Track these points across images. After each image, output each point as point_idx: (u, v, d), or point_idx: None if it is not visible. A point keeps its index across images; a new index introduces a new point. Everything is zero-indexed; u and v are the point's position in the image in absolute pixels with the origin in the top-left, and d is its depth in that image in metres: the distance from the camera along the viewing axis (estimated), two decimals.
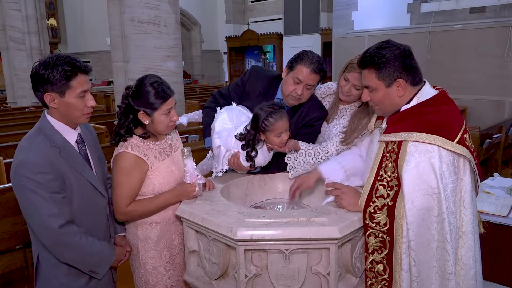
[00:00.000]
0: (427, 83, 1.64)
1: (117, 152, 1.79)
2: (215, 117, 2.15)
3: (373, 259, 1.58)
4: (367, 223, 1.57)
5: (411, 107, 1.60)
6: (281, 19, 12.97)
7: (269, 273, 1.57)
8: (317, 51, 10.33)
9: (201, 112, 2.44)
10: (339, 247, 1.54)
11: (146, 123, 1.76)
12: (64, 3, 16.63)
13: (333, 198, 1.72)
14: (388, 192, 1.56)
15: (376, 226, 1.56)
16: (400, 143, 1.56)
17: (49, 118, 1.63)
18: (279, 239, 1.50)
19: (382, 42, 1.61)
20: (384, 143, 1.64)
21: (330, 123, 2.18)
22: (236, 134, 2.00)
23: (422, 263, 1.50)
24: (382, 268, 1.56)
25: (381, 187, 1.58)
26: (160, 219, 1.87)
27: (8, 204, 2.55)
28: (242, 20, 15.88)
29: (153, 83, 1.73)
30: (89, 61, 14.09)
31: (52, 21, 16.12)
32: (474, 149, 1.58)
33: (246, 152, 1.97)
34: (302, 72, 2.00)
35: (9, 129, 5.73)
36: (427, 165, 1.48)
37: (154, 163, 1.80)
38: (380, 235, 1.55)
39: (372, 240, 1.57)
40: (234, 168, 2.08)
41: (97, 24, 14.11)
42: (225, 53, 15.84)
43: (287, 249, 1.52)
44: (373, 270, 1.59)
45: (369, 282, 1.61)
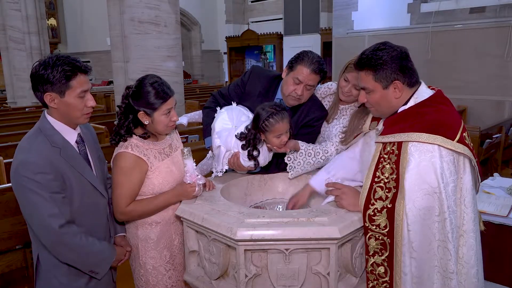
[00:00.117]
0: (423, 84, 1.65)
1: (117, 152, 1.79)
2: (215, 117, 2.15)
3: (374, 262, 1.58)
4: (367, 225, 1.57)
5: (409, 108, 1.59)
6: (281, 19, 12.97)
7: (269, 273, 1.57)
8: (317, 51, 10.32)
9: (201, 112, 2.44)
10: (339, 247, 1.54)
11: (146, 123, 1.76)
12: (64, 3, 16.62)
13: (333, 198, 1.72)
14: (387, 194, 1.55)
15: (376, 228, 1.55)
16: (400, 144, 1.55)
17: (49, 118, 1.63)
18: (279, 239, 1.50)
19: (379, 43, 1.60)
20: (381, 144, 1.64)
21: (330, 123, 2.18)
22: (237, 133, 2.00)
23: (423, 262, 1.49)
24: (383, 271, 1.56)
25: (378, 188, 1.58)
26: (160, 219, 1.87)
27: (8, 204, 2.55)
28: (242, 20, 15.87)
29: (153, 83, 1.73)
30: (89, 61, 14.09)
31: (52, 21, 16.12)
32: (472, 147, 1.58)
33: (248, 151, 1.97)
34: (302, 72, 2.01)
35: (9, 129, 5.72)
36: (427, 164, 1.48)
37: (154, 163, 1.80)
38: (381, 237, 1.55)
39: (372, 243, 1.57)
40: (234, 168, 2.08)
41: (97, 24, 14.10)
42: (225, 53, 15.83)
43: (287, 249, 1.52)
44: (374, 272, 1.58)
45: (371, 284, 1.60)
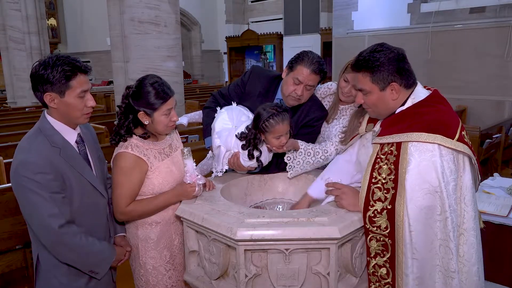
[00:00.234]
0: (419, 84, 1.65)
1: (117, 152, 1.79)
2: (215, 117, 2.15)
3: (376, 263, 1.57)
4: (368, 227, 1.56)
5: (406, 108, 1.60)
6: (281, 19, 12.97)
7: (269, 273, 1.57)
8: (317, 51, 10.33)
9: (201, 112, 2.44)
10: (339, 247, 1.54)
11: (146, 123, 1.76)
12: (64, 3, 16.62)
13: (333, 198, 1.72)
14: (385, 195, 1.55)
15: (377, 230, 1.55)
16: (399, 144, 1.55)
17: (49, 118, 1.63)
18: (279, 239, 1.50)
19: (377, 45, 1.60)
20: (378, 145, 1.63)
21: (330, 123, 2.18)
22: (237, 133, 2.00)
23: (425, 262, 1.49)
24: (385, 272, 1.56)
25: (377, 189, 1.57)
26: (160, 219, 1.87)
27: (8, 204, 2.55)
28: (242, 20, 15.87)
29: (153, 83, 1.73)
30: (89, 61, 14.09)
31: (52, 21, 16.12)
32: (471, 145, 1.59)
33: (248, 151, 1.96)
34: (302, 72, 2.00)
35: (9, 129, 5.72)
36: (428, 164, 1.48)
37: (154, 163, 1.80)
38: (382, 238, 1.54)
39: (374, 244, 1.56)
40: (234, 168, 2.08)
41: (97, 24, 14.10)
42: (225, 53, 15.83)
43: (287, 249, 1.52)
44: (376, 274, 1.58)
45: (373, 286, 1.59)
